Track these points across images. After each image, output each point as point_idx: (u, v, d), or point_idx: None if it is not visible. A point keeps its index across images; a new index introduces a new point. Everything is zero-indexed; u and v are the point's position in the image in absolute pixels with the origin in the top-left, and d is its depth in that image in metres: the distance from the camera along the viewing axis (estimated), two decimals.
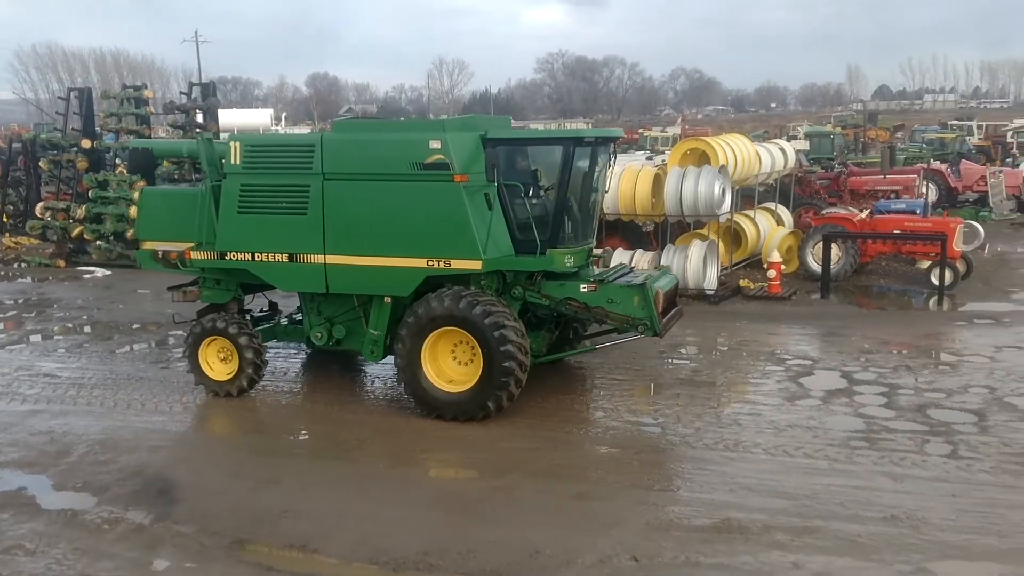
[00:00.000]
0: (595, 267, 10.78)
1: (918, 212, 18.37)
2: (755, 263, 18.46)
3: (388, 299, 10.03)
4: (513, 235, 9.66)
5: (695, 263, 15.89)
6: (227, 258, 10.32)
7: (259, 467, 8.67)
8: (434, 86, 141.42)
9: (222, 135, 25.59)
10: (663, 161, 17.82)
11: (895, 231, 17.37)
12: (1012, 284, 17.32)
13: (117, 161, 21.87)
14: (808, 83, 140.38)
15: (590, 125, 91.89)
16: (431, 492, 8.13)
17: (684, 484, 8.07)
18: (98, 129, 23.17)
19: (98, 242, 21.20)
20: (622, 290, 9.88)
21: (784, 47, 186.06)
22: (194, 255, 10.55)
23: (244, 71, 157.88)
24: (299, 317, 11.57)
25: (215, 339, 10.63)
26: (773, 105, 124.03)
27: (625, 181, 16.45)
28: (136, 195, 11.67)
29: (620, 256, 15.79)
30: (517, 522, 7.33)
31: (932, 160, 31.08)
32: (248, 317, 11.48)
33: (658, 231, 18.28)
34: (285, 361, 12.39)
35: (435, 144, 9.33)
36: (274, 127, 60.67)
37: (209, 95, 23.18)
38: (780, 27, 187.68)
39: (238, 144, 10.17)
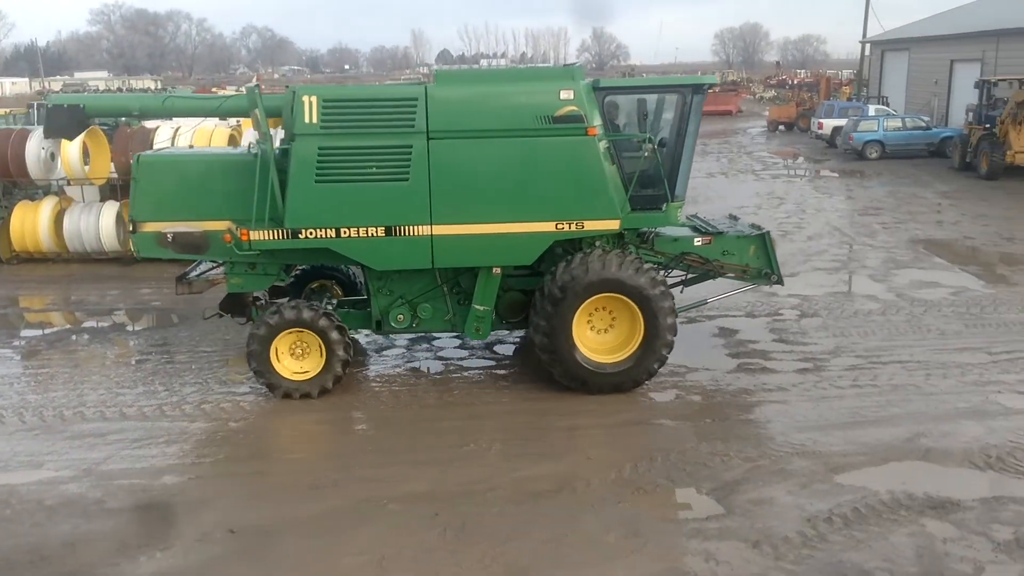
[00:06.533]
0: None
1: None
2: None
3: (497, 270, 9.11)
4: (627, 190, 9.05)
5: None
6: (301, 236, 8.67)
7: None
8: None
9: None
10: (238, 122, 17.16)
11: None
12: None
13: None
14: (378, 46, 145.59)
15: (159, 82, 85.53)
16: None
17: (278, 452, 8.13)
18: None
19: None
20: (737, 241, 9.83)
21: (352, 8, 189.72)
22: (253, 236, 8.58)
23: None
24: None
25: (289, 333, 8.98)
26: (347, 67, 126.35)
27: (198, 142, 15.74)
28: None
29: None
30: (101, 517, 6.77)
31: None
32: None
33: None
34: None
35: (567, 94, 8.56)
36: None
37: None
38: None
39: (314, 99, 8.47)
